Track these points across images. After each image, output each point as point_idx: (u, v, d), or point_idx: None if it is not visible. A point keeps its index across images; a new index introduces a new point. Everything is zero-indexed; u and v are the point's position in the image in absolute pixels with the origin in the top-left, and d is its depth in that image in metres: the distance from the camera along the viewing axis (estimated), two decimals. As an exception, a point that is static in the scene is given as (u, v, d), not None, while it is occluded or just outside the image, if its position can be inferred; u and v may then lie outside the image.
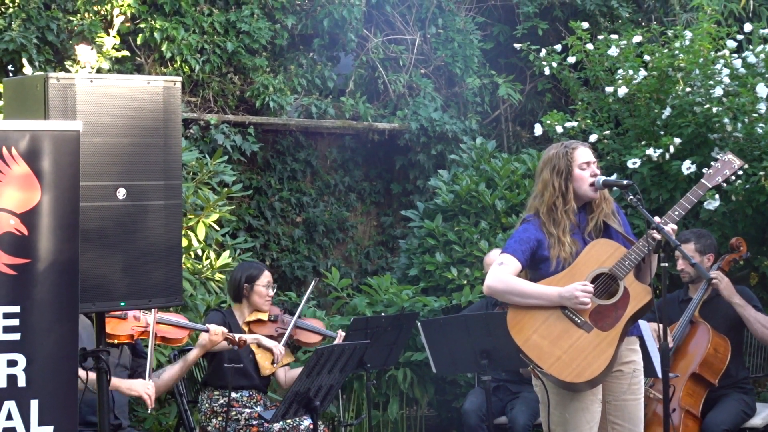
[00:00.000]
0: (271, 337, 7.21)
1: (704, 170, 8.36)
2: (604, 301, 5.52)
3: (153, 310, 6.20)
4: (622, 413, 5.64)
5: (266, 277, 7.30)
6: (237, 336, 6.76)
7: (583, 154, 5.63)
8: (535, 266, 5.66)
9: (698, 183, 5.70)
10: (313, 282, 7.72)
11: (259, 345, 7.11)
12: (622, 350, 5.59)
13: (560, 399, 5.56)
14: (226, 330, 6.69)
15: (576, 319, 5.49)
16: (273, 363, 7.12)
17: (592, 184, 5.61)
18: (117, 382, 6.18)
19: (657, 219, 5.54)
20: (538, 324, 5.52)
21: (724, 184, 5.90)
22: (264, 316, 7.28)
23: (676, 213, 5.58)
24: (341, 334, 7.32)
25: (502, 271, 5.56)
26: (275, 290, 7.40)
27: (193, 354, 6.67)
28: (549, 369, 5.46)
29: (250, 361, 7.14)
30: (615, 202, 5.83)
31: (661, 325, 5.56)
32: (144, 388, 6.22)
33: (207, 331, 6.63)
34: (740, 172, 8.10)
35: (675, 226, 5.54)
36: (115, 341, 6.27)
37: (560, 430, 5.58)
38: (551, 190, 5.62)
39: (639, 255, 5.51)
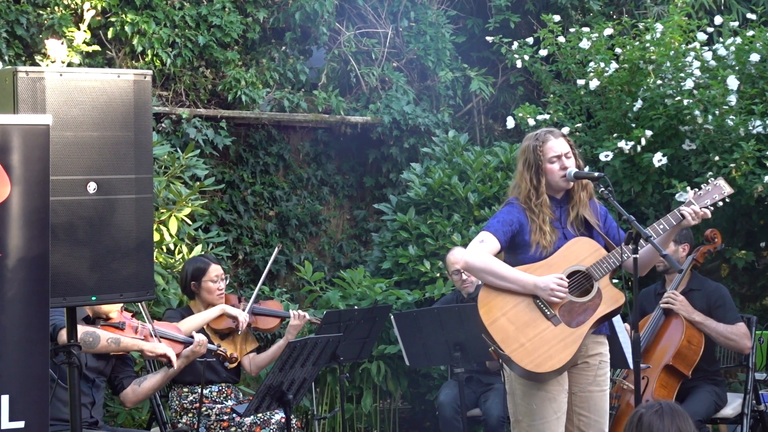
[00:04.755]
0: (229, 329, 7.12)
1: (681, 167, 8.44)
2: (577, 298, 5.55)
3: (143, 306, 6.22)
4: (588, 404, 5.67)
5: (214, 271, 7.10)
6: (223, 350, 6.78)
7: (553, 147, 5.64)
8: (514, 250, 5.67)
9: (686, 201, 5.69)
10: (272, 255, 7.63)
11: (225, 313, 6.99)
12: (588, 343, 5.63)
13: (527, 389, 5.58)
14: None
15: (546, 311, 5.52)
16: (237, 329, 7.04)
17: (563, 176, 5.63)
18: (140, 343, 6.23)
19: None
20: (508, 308, 5.55)
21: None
22: None
23: (661, 227, 5.61)
24: (295, 313, 7.29)
25: (481, 249, 5.58)
26: (227, 281, 7.22)
27: (176, 364, 6.50)
28: (511, 354, 5.48)
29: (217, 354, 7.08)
30: (604, 207, 5.84)
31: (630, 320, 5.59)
32: (165, 346, 6.28)
33: (189, 342, 6.53)
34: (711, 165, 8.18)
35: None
36: (110, 352, 6.26)
37: (527, 421, 5.60)
38: (525, 183, 5.66)
39: (618, 260, 5.55)
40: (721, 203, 8.01)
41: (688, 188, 8.02)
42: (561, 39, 9.15)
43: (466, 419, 7.34)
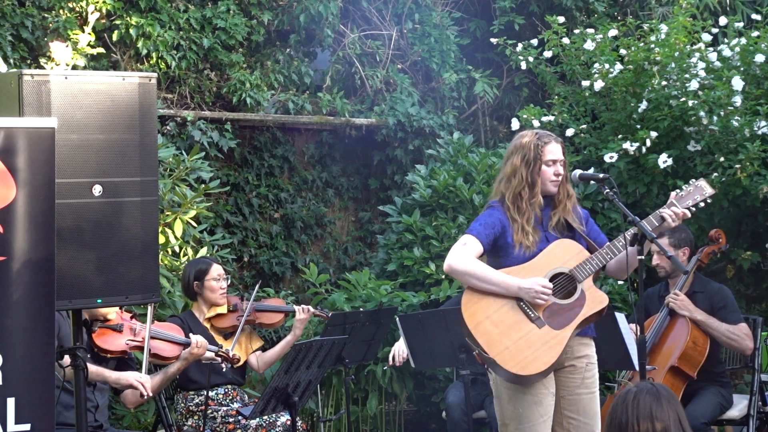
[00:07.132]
0: (232, 327, 7.15)
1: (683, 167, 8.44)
2: (561, 300, 5.54)
3: (149, 308, 6.16)
4: (577, 407, 5.62)
5: (216, 270, 7.14)
6: (226, 353, 6.74)
7: (552, 150, 5.62)
8: (496, 253, 5.64)
9: (668, 203, 5.63)
10: (253, 292, 7.59)
11: (204, 360, 6.84)
12: (575, 345, 5.61)
13: (513, 393, 5.55)
14: (206, 342, 6.60)
15: (530, 313, 5.50)
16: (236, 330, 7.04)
17: (553, 181, 5.61)
18: (106, 374, 6.13)
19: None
20: (492, 311, 5.53)
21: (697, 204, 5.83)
22: (223, 309, 7.18)
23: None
24: (299, 308, 7.29)
25: (464, 252, 5.56)
26: (229, 281, 7.24)
27: (175, 367, 6.53)
28: (496, 357, 5.45)
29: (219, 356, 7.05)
30: (586, 210, 5.83)
31: (637, 322, 5.57)
32: (135, 376, 6.16)
33: (189, 344, 6.52)
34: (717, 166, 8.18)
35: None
36: (108, 355, 6.24)
37: (514, 425, 5.56)
38: (519, 178, 5.61)
39: (601, 261, 5.52)
40: (711, 203, 8.01)
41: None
42: (565, 40, 9.14)
43: (472, 421, 7.33)
